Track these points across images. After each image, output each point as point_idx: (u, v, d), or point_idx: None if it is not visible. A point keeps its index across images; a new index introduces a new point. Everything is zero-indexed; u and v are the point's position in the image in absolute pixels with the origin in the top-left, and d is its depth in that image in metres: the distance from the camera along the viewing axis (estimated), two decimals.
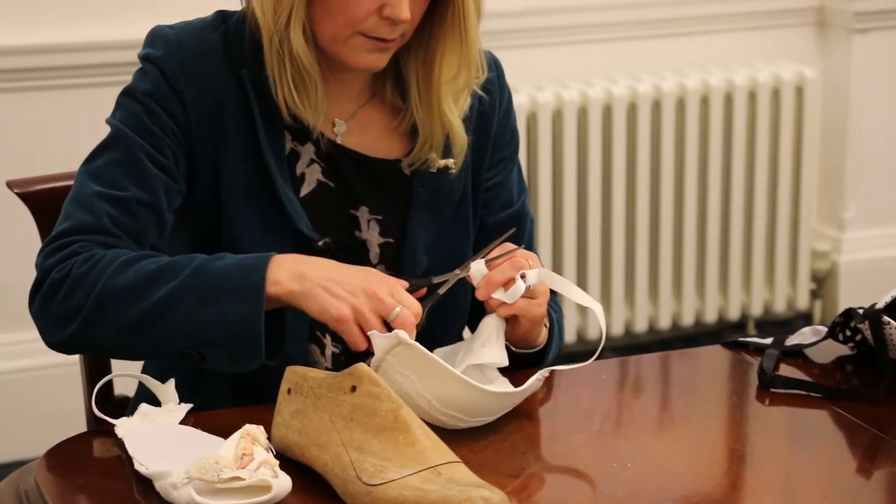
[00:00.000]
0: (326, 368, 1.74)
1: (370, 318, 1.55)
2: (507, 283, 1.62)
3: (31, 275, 1.65)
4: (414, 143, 1.76)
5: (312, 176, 1.74)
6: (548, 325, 1.74)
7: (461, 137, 1.75)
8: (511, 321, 1.65)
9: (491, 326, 1.64)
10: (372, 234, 1.76)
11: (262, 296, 1.55)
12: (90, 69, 3.12)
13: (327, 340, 1.75)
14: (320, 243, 1.73)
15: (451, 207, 1.80)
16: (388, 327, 1.55)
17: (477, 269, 1.63)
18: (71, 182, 1.88)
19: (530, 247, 1.88)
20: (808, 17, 3.76)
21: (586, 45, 3.57)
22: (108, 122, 1.73)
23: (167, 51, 1.70)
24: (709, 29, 3.67)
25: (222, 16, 1.75)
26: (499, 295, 1.62)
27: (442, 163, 1.77)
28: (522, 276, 1.62)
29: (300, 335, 1.71)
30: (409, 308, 1.56)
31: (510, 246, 1.66)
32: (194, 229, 1.74)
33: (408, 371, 1.51)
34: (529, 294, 1.63)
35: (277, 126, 1.71)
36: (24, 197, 1.87)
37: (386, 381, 1.48)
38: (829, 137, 3.81)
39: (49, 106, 3.12)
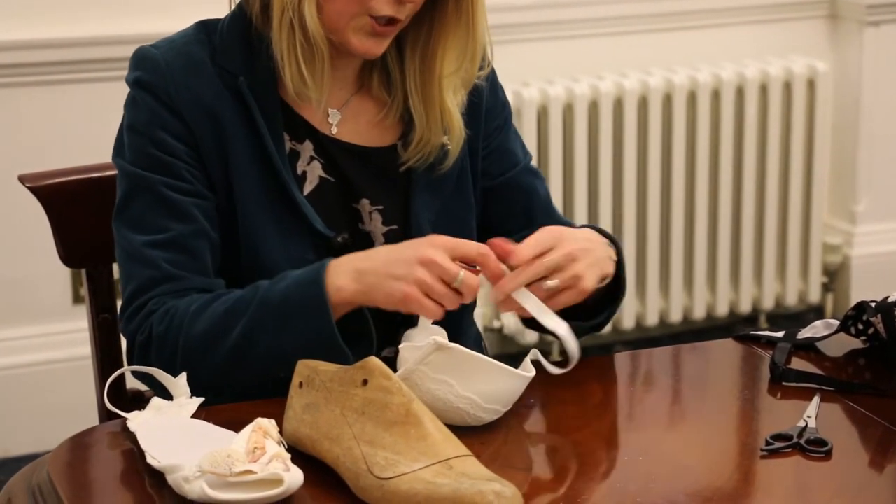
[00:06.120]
0: None
1: (435, 286, 1.54)
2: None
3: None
4: (407, 127, 1.77)
5: (314, 173, 1.75)
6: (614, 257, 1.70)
7: (459, 129, 1.76)
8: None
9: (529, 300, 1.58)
10: (375, 225, 1.77)
11: (328, 307, 1.57)
12: (100, 63, 3.11)
13: None
14: (339, 239, 1.73)
15: (450, 182, 1.80)
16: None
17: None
18: (81, 176, 1.90)
19: (549, 205, 1.87)
20: (819, 10, 3.75)
21: (597, 39, 3.56)
22: (116, 162, 1.73)
23: (156, 72, 1.71)
24: (720, 22, 3.66)
25: (205, 28, 1.75)
26: (517, 297, 1.57)
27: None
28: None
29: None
30: (471, 253, 1.55)
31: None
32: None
33: (445, 376, 1.49)
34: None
35: (278, 128, 1.72)
36: (35, 191, 1.87)
37: (416, 391, 1.46)
38: (840, 131, 3.80)
39: (59, 100, 3.12)
